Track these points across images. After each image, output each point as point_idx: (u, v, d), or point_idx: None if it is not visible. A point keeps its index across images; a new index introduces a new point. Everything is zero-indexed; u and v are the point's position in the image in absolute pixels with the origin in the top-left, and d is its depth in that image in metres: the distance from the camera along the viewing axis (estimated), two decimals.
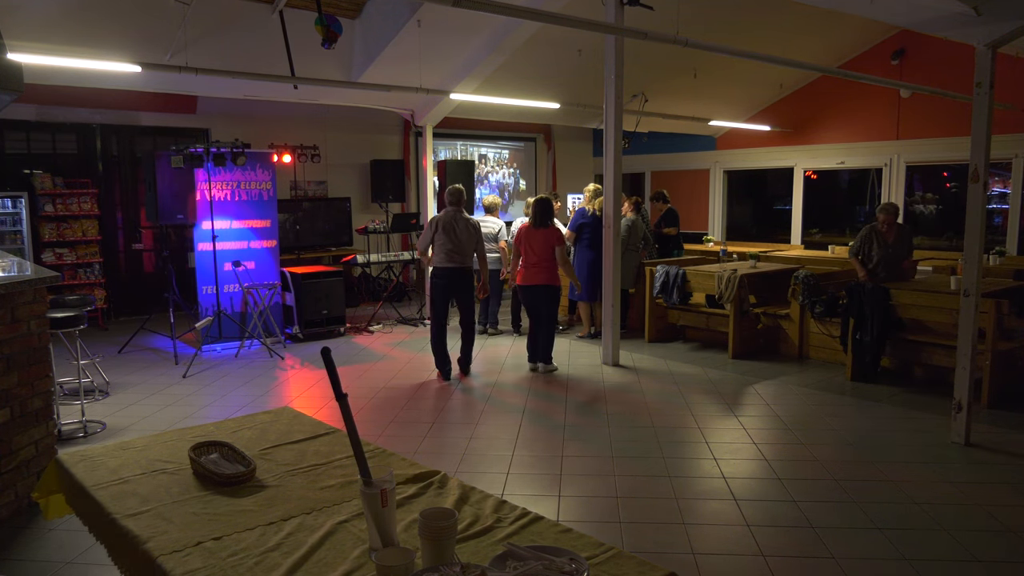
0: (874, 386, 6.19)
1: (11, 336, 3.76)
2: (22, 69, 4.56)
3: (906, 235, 6.81)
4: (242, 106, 9.56)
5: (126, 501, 1.99)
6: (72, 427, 5.08)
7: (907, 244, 6.83)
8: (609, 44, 6.55)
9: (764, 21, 9.27)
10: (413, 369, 6.83)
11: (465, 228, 6.29)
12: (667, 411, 5.51)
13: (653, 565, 1.60)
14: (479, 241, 6.39)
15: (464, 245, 6.28)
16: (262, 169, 7.92)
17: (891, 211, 6.68)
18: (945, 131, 10.47)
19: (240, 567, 1.64)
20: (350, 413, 1.76)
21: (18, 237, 8.22)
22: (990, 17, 4.47)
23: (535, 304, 6.70)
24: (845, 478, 4.22)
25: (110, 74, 6.75)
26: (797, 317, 7.15)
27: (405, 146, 11.97)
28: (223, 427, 2.63)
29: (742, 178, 13.63)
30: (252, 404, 5.70)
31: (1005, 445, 4.77)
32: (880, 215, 6.69)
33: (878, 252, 6.67)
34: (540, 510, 2.02)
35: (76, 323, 5.21)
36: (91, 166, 9.19)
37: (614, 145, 6.68)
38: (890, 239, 6.65)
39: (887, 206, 6.73)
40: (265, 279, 7.88)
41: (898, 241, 6.69)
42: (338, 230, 10.82)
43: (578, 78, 9.68)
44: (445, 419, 5.34)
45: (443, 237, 6.23)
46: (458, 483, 2.09)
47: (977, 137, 4.58)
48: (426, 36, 7.38)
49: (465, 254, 6.30)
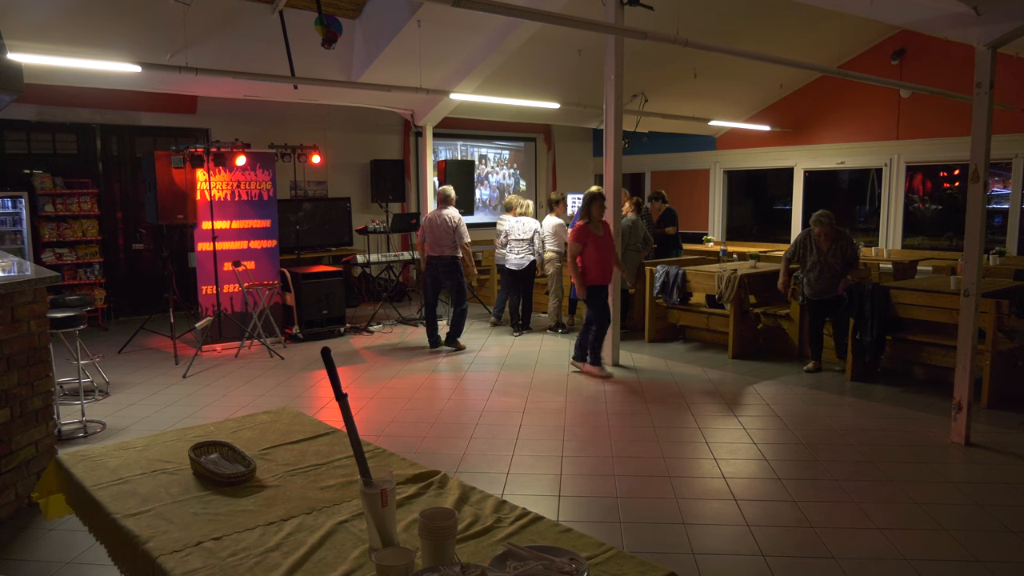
0: (874, 386, 6.19)
1: (11, 336, 3.76)
2: (22, 69, 4.57)
3: (846, 244, 6.46)
4: (242, 106, 9.57)
5: (126, 501, 1.99)
6: (72, 427, 5.08)
7: (846, 254, 6.45)
8: (609, 44, 6.55)
9: (764, 21, 9.27)
10: (413, 369, 6.83)
11: (442, 224, 7.36)
12: (667, 411, 5.51)
13: (653, 565, 1.60)
14: (457, 235, 7.34)
15: (442, 238, 7.35)
16: (262, 169, 7.92)
17: (825, 222, 6.44)
18: (945, 131, 10.47)
19: (240, 567, 1.64)
20: (350, 413, 1.76)
21: (18, 237, 8.22)
22: (990, 17, 4.47)
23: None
24: (845, 478, 4.22)
25: (110, 74, 6.75)
26: (797, 317, 7.15)
27: (405, 146, 11.97)
28: (223, 427, 2.63)
29: (742, 178, 13.63)
30: (252, 404, 5.70)
31: (1005, 445, 4.77)
32: (815, 228, 6.49)
33: (812, 259, 6.51)
34: (540, 510, 2.02)
35: (76, 323, 5.21)
36: (91, 166, 9.19)
37: (614, 145, 6.68)
38: (824, 247, 6.45)
39: (821, 216, 6.47)
40: (265, 279, 7.88)
41: (835, 250, 6.43)
42: (338, 230, 10.82)
43: (578, 78, 9.68)
44: (445, 419, 5.34)
45: (427, 232, 7.46)
46: (458, 483, 2.09)
47: (977, 137, 4.58)
48: (426, 36, 7.38)
49: (443, 245, 7.37)
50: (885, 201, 11.35)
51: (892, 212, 11.28)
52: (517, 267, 8.27)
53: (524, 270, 8.28)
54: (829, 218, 6.49)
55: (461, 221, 7.42)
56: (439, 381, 6.42)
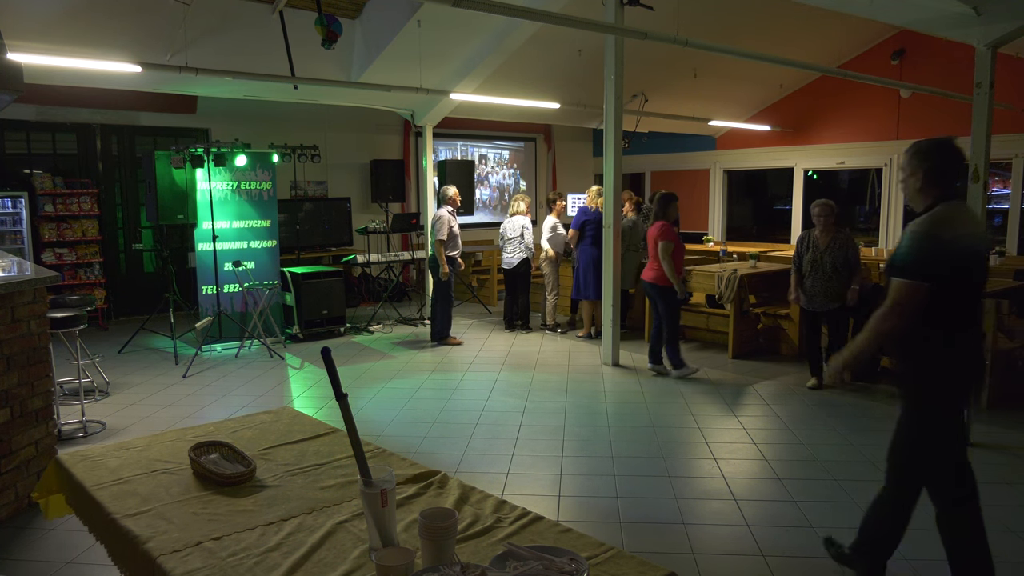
0: (874, 386, 6.19)
1: (11, 336, 3.76)
2: (22, 69, 4.57)
3: (846, 244, 5.79)
4: (242, 106, 9.56)
5: (126, 501, 1.99)
6: (72, 427, 5.08)
7: (847, 255, 5.79)
8: (609, 44, 6.55)
9: (764, 21, 9.27)
10: (413, 369, 6.83)
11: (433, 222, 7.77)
12: (667, 411, 5.51)
13: (653, 565, 1.60)
14: (435, 233, 7.63)
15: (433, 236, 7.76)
16: (262, 169, 7.92)
17: (823, 206, 5.77)
18: (945, 131, 10.33)
19: (240, 567, 1.64)
20: (350, 413, 1.76)
21: (18, 237, 8.22)
22: (990, 17, 4.48)
23: (649, 301, 6.83)
24: (845, 478, 4.21)
25: (110, 74, 6.74)
26: (797, 317, 7.15)
27: (405, 146, 11.96)
28: (223, 427, 2.63)
29: (742, 178, 13.63)
30: (252, 404, 5.70)
31: (1005, 445, 4.77)
32: (813, 212, 5.77)
33: (808, 258, 5.81)
34: (540, 510, 2.02)
35: (76, 323, 5.21)
36: (91, 166, 9.19)
37: (614, 145, 6.68)
38: (822, 243, 5.79)
39: (820, 202, 5.86)
40: (265, 279, 7.88)
41: (833, 248, 5.77)
42: (338, 230, 10.81)
43: (578, 78, 9.67)
44: (445, 419, 5.34)
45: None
46: (458, 483, 2.09)
47: (977, 137, 4.58)
48: (426, 36, 7.37)
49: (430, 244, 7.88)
50: (885, 201, 11.35)
51: (892, 212, 11.28)
52: (509, 265, 8.34)
53: (515, 267, 8.32)
54: (831, 206, 5.91)
55: (440, 218, 7.58)
56: (439, 381, 6.42)
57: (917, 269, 2.56)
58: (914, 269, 2.57)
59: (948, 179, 2.69)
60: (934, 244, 2.57)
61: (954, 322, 2.64)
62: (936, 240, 2.57)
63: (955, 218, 2.61)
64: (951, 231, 2.58)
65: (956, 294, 2.62)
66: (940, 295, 2.57)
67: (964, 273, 2.62)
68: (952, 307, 2.62)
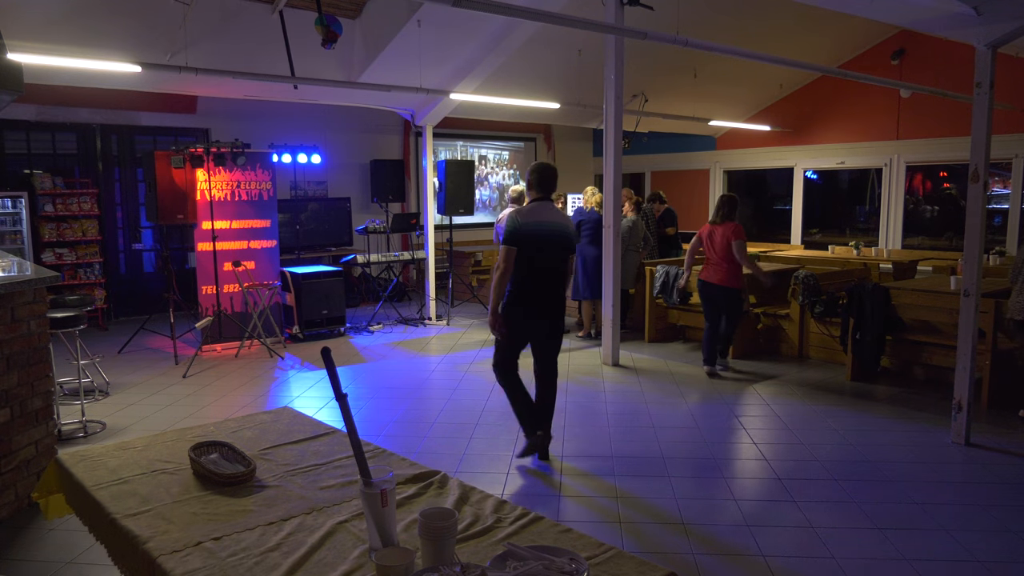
0: (874, 386, 6.19)
1: (11, 336, 3.76)
2: (22, 69, 4.56)
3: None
4: (242, 106, 9.56)
5: (126, 501, 1.99)
6: (72, 427, 5.08)
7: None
8: (609, 44, 6.55)
9: (764, 21, 9.27)
10: (413, 369, 6.83)
11: None
12: (667, 411, 5.51)
13: (653, 565, 1.60)
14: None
15: None
16: (262, 169, 7.92)
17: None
18: (945, 131, 10.46)
19: (240, 567, 1.64)
20: (350, 413, 1.76)
21: (18, 237, 8.22)
22: (990, 17, 4.47)
23: (709, 303, 6.49)
24: (845, 478, 4.22)
25: (110, 74, 6.74)
26: (797, 317, 7.15)
27: (405, 146, 11.96)
28: (223, 427, 2.63)
29: (742, 178, 13.63)
30: (252, 404, 5.70)
31: (1005, 445, 4.77)
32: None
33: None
34: (540, 510, 2.02)
35: (76, 323, 5.21)
36: (91, 166, 9.19)
37: (614, 145, 6.68)
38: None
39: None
40: (265, 279, 7.88)
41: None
42: (338, 230, 10.82)
43: (578, 78, 9.67)
44: (445, 419, 5.34)
45: None
46: (458, 483, 2.09)
47: (977, 137, 4.58)
48: (426, 36, 7.37)
49: None
50: (885, 201, 11.35)
51: (892, 212, 11.28)
52: None
53: None
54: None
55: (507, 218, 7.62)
56: (439, 381, 6.42)
57: (509, 238, 4.29)
58: (508, 239, 4.29)
59: (543, 187, 4.65)
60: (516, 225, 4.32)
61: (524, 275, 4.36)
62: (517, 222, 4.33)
63: (535, 210, 4.44)
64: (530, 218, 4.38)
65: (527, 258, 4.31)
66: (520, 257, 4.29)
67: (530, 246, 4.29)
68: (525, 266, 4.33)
